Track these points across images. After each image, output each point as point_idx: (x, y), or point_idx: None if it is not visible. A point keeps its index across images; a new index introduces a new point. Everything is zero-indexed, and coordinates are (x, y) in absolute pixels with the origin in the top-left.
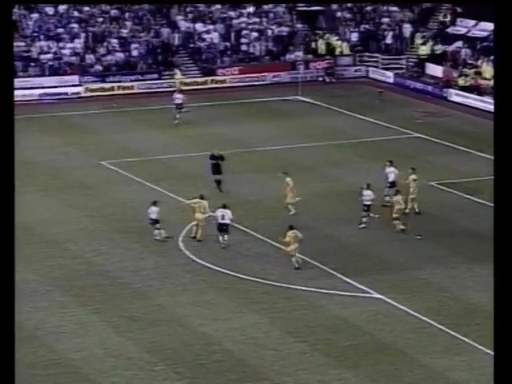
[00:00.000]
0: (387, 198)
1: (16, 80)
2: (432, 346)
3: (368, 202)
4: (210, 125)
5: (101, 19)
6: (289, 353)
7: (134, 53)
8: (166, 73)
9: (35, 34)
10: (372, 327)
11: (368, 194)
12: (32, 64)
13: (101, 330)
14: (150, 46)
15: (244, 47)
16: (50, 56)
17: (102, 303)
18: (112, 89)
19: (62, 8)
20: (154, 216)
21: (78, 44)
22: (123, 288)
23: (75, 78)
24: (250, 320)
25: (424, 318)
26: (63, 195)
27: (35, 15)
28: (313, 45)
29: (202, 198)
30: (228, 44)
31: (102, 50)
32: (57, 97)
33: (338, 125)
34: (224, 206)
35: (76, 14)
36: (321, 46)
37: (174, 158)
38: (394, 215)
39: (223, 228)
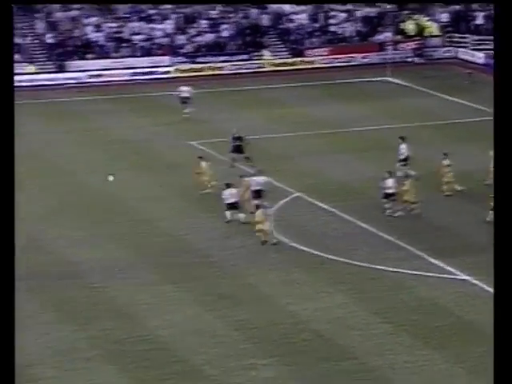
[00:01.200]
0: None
1: (108, 61)
2: None
3: (390, 191)
4: (299, 105)
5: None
6: (375, 333)
7: (224, 34)
8: (255, 54)
9: (127, 16)
10: (459, 309)
11: (388, 183)
12: (124, 45)
13: (189, 307)
14: (239, 27)
15: (333, 28)
16: (141, 37)
17: (192, 281)
18: (202, 69)
19: None
20: (230, 200)
21: (169, 25)
22: (212, 266)
23: (166, 59)
24: (336, 300)
25: None
26: (154, 174)
27: None
28: (402, 25)
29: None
30: (317, 25)
31: (192, 31)
32: (147, 77)
33: (426, 106)
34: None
35: None
36: (410, 27)
37: (262, 139)
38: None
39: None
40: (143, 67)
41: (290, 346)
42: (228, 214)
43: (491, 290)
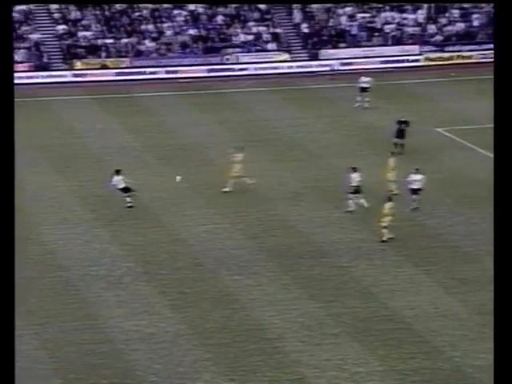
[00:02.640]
0: None
1: (360, 49)
2: None
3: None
4: None
5: None
6: None
7: (475, 23)
8: None
9: (380, 6)
10: None
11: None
12: (376, 34)
13: (432, 290)
14: (490, 17)
15: None
16: (392, 26)
17: (433, 264)
18: (451, 58)
19: None
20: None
21: (421, 15)
22: (454, 251)
23: (416, 48)
24: None
25: None
26: (400, 159)
27: None
28: None
29: None
30: None
31: (443, 21)
32: (398, 65)
33: None
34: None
35: None
36: None
37: None
38: None
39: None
40: (393, 55)
41: None
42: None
43: None
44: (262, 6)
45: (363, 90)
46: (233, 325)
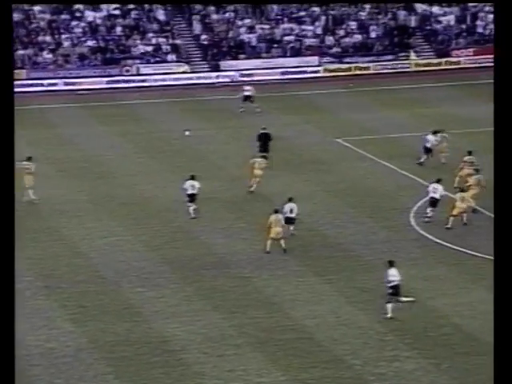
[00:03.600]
0: None
1: (259, 61)
2: None
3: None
4: (444, 105)
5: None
6: None
7: (372, 35)
8: (402, 54)
9: (279, 17)
10: None
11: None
12: (275, 45)
13: (333, 299)
14: (387, 28)
15: (479, 29)
16: (291, 38)
17: (334, 274)
18: (349, 69)
19: None
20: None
21: (319, 26)
22: (355, 260)
23: (315, 59)
24: (478, 296)
25: None
26: (300, 170)
27: None
28: None
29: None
30: (463, 26)
31: (341, 32)
32: (297, 76)
33: None
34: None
35: None
36: None
37: (406, 137)
38: None
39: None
40: (292, 67)
41: (430, 340)
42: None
43: None
44: (162, 17)
45: (246, 98)
46: (135, 337)
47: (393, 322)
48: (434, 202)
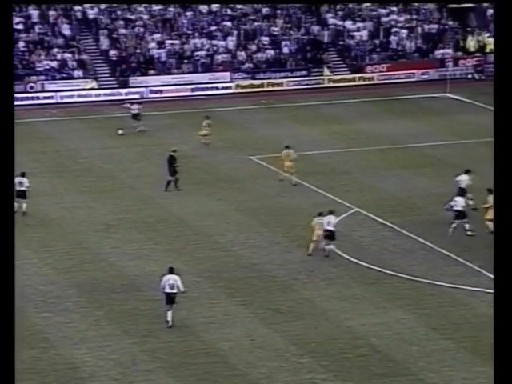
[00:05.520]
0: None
1: (170, 76)
2: None
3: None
4: (358, 121)
5: (253, 17)
6: (434, 349)
7: (285, 50)
8: (315, 70)
9: (189, 32)
10: None
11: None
12: (185, 61)
13: (248, 321)
14: (299, 44)
15: (393, 44)
16: (202, 53)
17: (249, 295)
18: (262, 85)
19: (215, 6)
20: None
21: (231, 41)
22: (270, 281)
23: (226, 75)
24: (395, 315)
25: None
26: (213, 189)
27: (189, 13)
28: (462, 42)
29: (331, 212)
30: (377, 41)
31: (253, 48)
32: (208, 92)
33: (486, 122)
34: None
35: (229, 11)
36: (470, 43)
37: (321, 154)
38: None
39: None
40: (204, 83)
41: (347, 361)
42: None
43: None
44: (67, 32)
45: (134, 116)
46: (42, 365)
47: (309, 344)
48: (330, 236)
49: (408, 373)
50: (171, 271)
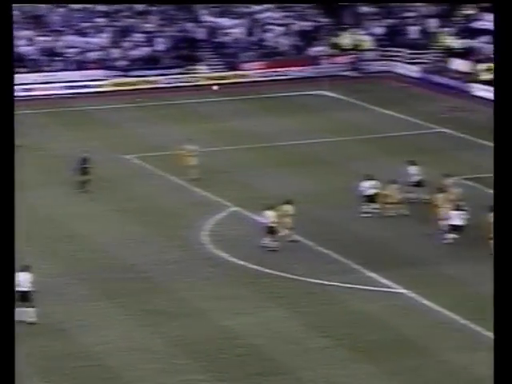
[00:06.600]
0: (411, 195)
1: (41, 74)
2: (455, 341)
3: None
4: (234, 119)
5: (126, 14)
6: (312, 347)
7: (159, 47)
8: (190, 67)
9: (61, 29)
10: (395, 322)
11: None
12: (57, 58)
13: (125, 323)
14: (174, 41)
15: (268, 42)
16: (75, 50)
17: (126, 297)
18: (136, 83)
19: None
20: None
21: (104, 39)
22: (148, 282)
23: (100, 73)
24: (273, 314)
25: (447, 313)
26: (89, 189)
27: (61, 10)
28: (337, 39)
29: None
30: (252, 39)
31: (127, 45)
32: (81, 91)
33: (362, 119)
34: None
35: (102, 8)
36: (345, 41)
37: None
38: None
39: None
40: (76, 81)
41: (224, 361)
42: None
43: (427, 302)
44: None
45: None
46: None
47: (188, 345)
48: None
49: (284, 371)
50: (25, 269)
